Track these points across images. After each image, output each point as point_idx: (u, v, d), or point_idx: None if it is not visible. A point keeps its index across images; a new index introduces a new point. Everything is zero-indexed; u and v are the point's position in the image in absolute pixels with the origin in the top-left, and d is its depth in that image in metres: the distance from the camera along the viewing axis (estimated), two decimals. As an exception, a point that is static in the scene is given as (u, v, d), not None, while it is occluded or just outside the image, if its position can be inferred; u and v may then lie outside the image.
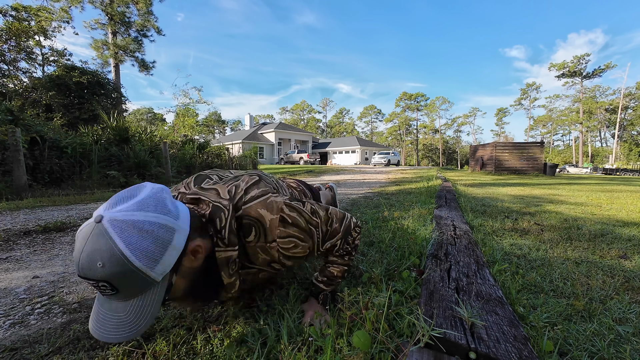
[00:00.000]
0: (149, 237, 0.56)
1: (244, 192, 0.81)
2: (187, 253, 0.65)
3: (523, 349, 0.69)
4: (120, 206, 0.57)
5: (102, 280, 0.53)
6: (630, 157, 37.91)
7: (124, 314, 0.58)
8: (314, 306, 0.95)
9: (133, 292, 0.58)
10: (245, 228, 0.77)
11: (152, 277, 0.57)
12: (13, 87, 9.85)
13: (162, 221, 0.59)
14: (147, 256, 0.55)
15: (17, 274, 1.40)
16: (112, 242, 0.52)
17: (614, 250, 1.63)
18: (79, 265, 0.53)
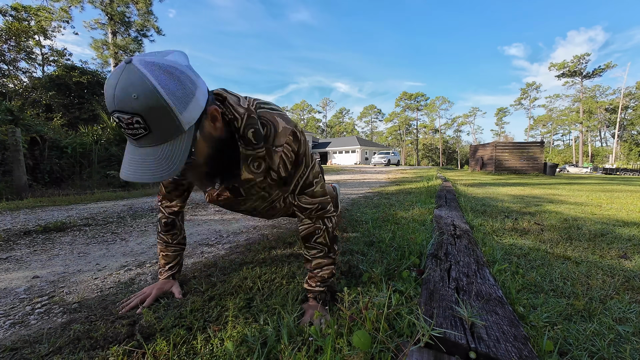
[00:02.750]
0: (176, 81, 0.58)
1: (264, 102, 0.86)
2: (207, 115, 0.68)
3: (523, 349, 0.69)
4: (148, 55, 0.59)
5: (137, 114, 0.56)
6: (631, 157, 37.91)
7: (155, 157, 0.61)
8: (314, 306, 0.95)
9: (163, 135, 0.60)
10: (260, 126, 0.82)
11: (181, 120, 0.60)
12: (13, 87, 9.85)
13: (187, 73, 0.61)
14: (176, 97, 0.58)
15: (17, 274, 1.40)
16: (145, 77, 0.55)
17: (614, 250, 1.63)
18: (114, 98, 0.55)
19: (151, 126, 0.58)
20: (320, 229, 0.96)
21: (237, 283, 1.17)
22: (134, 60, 0.56)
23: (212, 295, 1.07)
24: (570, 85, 48.72)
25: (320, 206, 0.96)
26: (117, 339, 0.83)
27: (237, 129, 0.78)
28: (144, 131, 0.58)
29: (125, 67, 0.55)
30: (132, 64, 0.55)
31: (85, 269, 1.46)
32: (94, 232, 2.18)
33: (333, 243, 0.99)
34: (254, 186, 0.95)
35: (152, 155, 0.61)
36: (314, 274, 0.98)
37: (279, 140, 0.82)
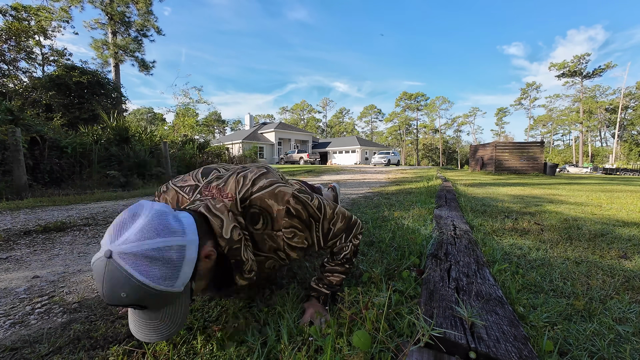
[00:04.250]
0: (162, 263, 0.58)
1: (251, 183, 0.82)
2: (201, 259, 0.67)
3: (523, 349, 0.69)
4: (124, 236, 0.57)
5: (130, 305, 0.58)
6: (631, 157, 37.91)
7: (158, 321, 0.64)
8: (314, 306, 0.95)
9: (161, 306, 0.63)
10: (253, 217, 0.80)
11: (174, 291, 0.61)
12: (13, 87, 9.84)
13: (171, 243, 0.60)
14: (164, 279, 0.58)
15: (17, 273, 1.40)
16: (129, 274, 0.55)
17: (614, 250, 1.63)
18: (104, 297, 0.57)
19: (147, 306, 0.60)
20: (347, 247, 0.96)
21: (237, 283, 1.17)
22: (113, 255, 0.55)
23: (212, 295, 1.07)
24: (570, 85, 48.72)
25: (346, 234, 0.95)
26: (117, 339, 0.83)
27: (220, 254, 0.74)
28: (140, 308, 0.61)
29: (107, 264, 0.55)
30: (112, 260, 0.55)
31: (85, 269, 1.46)
32: (94, 232, 2.18)
33: (353, 256, 0.99)
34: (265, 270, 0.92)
35: (154, 319, 0.64)
36: (324, 277, 0.98)
37: (277, 225, 0.80)
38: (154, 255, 0.57)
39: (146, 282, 0.56)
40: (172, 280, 0.59)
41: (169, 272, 0.59)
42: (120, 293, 0.55)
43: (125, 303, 0.57)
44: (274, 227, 0.81)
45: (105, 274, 0.55)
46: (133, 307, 0.59)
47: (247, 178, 0.83)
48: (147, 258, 0.56)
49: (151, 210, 0.62)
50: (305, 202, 0.83)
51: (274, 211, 0.80)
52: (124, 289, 0.55)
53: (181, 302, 0.65)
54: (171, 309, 0.64)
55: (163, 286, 0.58)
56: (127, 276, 0.55)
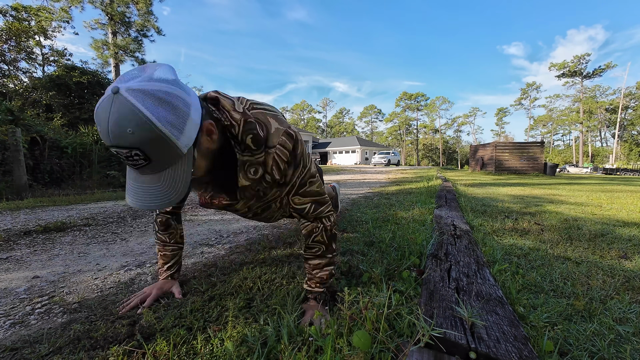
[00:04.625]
0: (169, 107, 0.56)
1: (252, 103, 0.83)
2: (203, 131, 0.66)
3: (523, 349, 0.69)
4: (134, 80, 0.56)
5: (134, 148, 0.55)
6: (631, 157, 37.90)
7: (159, 184, 0.62)
8: (314, 306, 0.95)
9: (164, 162, 0.60)
10: None
11: (179, 146, 0.59)
12: (13, 87, 9.85)
13: (178, 94, 0.58)
14: (171, 124, 0.56)
15: (17, 274, 1.40)
16: (136, 109, 0.52)
17: (614, 250, 1.63)
18: (109, 135, 0.53)
19: (151, 156, 0.58)
20: (317, 227, 0.95)
21: (237, 283, 1.17)
22: (121, 90, 0.53)
23: (212, 295, 1.07)
24: (570, 86, 48.71)
25: (314, 206, 0.94)
26: (117, 339, 0.83)
27: (235, 135, 0.75)
28: (144, 162, 0.58)
29: (114, 99, 0.52)
30: (120, 95, 0.52)
31: (85, 269, 1.46)
32: (94, 232, 2.18)
33: (331, 242, 0.98)
34: (248, 188, 0.93)
35: (155, 182, 0.62)
36: (312, 275, 0.98)
37: (271, 141, 0.80)
38: (162, 97, 0.55)
39: (153, 119, 0.53)
40: (177, 129, 0.57)
41: (175, 119, 0.57)
42: (127, 128, 0.52)
43: (130, 142, 0.54)
44: (268, 142, 0.79)
45: (111, 108, 0.52)
46: (137, 153, 0.56)
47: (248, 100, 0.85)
48: (154, 97, 0.54)
49: (161, 64, 0.62)
50: (302, 140, 0.86)
51: (273, 128, 0.79)
52: (131, 124, 0.52)
53: (183, 167, 0.63)
54: (173, 172, 0.62)
55: (170, 131, 0.56)
56: (135, 110, 0.52)
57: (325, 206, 0.97)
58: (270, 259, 1.49)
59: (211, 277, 1.26)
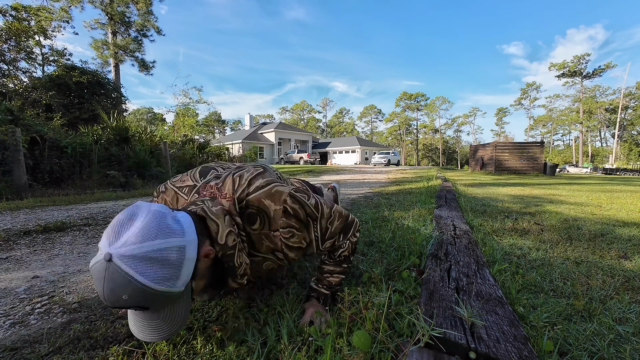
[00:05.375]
0: (162, 263, 0.58)
1: (247, 184, 0.81)
2: (201, 258, 0.67)
3: (523, 349, 0.69)
4: (123, 238, 0.56)
5: (132, 307, 0.58)
6: (631, 157, 37.92)
7: (159, 320, 0.64)
8: (314, 306, 0.95)
9: (162, 306, 0.62)
10: (250, 217, 0.80)
11: (176, 291, 0.61)
12: (13, 87, 9.84)
13: (171, 244, 0.60)
14: (165, 280, 0.58)
15: (17, 274, 1.40)
16: (130, 277, 0.54)
17: (614, 250, 1.63)
18: (105, 300, 0.56)
19: (149, 307, 0.60)
20: (345, 244, 0.95)
21: (237, 283, 1.17)
22: (113, 257, 0.54)
23: (210, 296, 1.07)
24: (570, 86, 48.73)
25: (344, 233, 0.94)
26: (117, 339, 0.83)
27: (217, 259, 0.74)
28: (142, 309, 0.61)
29: (107, 268, 0.54)
30: (112, 263, 0.54)
31: (85, 269, 1.46)
32: (94, 232, 2.18)
33: (351, 255, 0.99)
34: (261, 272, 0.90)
35: (155, 319, 0.64)
36: (323, 277, 0.98)
37: (274, 225, 0.79)
38: (155, 256, 0.57)
39: (147, 283, 0.55)
40: (173, 280, 0.59)
41: (169, 273, 0.59)
42: (122, 296, 0.55)
43: (126, 305, 0.57)
44: (272, 227, 0.80)
45: (105, 277, 0.54)
46: (134, 308, 0.59)
47: (243, 178, 0.82)
48: (147, 260, 0.56)
49: (149, 212, 0.61)
50: (303, 201, 0.83)
51: (271, 211, 0.79)
52: (126, 292, 0.55)
53: (182, 302, 0.65)
54: (172, 308, 0.64)
55: (164, 287, 0.58)
56: (128, 279, 0.54)
57: (353, 225, 0.96)
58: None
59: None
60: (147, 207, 0.63)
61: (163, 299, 0.60)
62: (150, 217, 0.60)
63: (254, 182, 0.82)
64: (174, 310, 0.64)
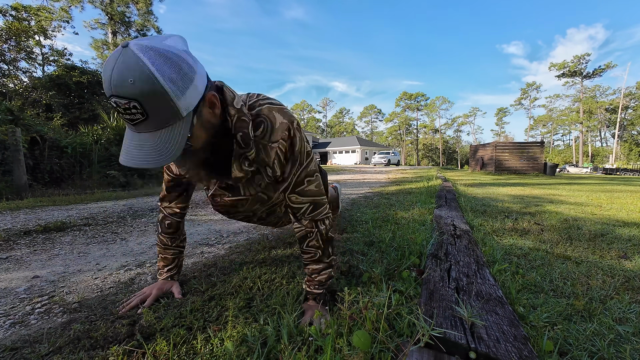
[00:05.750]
0: (174, 66, 0.57)
1: (263, 97, 0.86)
2: (205, 101, 0.67)
3: (523, 349, 0.69)
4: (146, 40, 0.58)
5: (134, 99, 0.55)
6: (631, 157, 37.91)
7: (152, 143, 0.61)
8: (314, 306, 0.95)
9: (161, 121, 0.60)
10: (256, 124, 0.82)
11: (178, 107, 0.59)
12: (13, 87, 9.84)
13: (185, 57, 0.60)
14: (173, 82, 0.57)
15: (17, 273, 1.40)
16: (141, 62, 0.54)
17: (614, 250, 1.63)
18: (110, 82, 0.54)
19: (149, 112, 0.57)
20: (312, 232, 0.94)
21: (237, 283, 1.17)
22: (131, 44, 0.55)
23: (212, 295, 1.07)
24: (570, 85, 48.74)
25: (313, 206, 0.94)
26: (117, 339, 0.83)
27: (228, 129, 0.77)
28: (141, 116, 0.58)
29: (122, 51, 0.54)
30: (129, 48, 0.54)
31: (85, 268, 1.46)
32: (94, 232, 2.18)
33: (327, 246, 0.97)
34: (251, 184, 0.94)
35: (150, 140, 0.61)
36: (311, 279, 0.98)
37: (275, 136, 0.82)
38: (169, 56, 0.57)
39: (156, 74, 0.54)
40: (179, 89, 0.58)
41: (178, 78, 0.57)
42: (129, 79, 0.53)
43: (129, 92, 0.54)
44: (272, 137, 0.82)
45: (118, 59, 0.54)
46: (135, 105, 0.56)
47: (259, 95, 0.87)
48: (161, 55, 0.56)
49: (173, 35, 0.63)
50: (305, 137, 0.88)
51: (277, 123, 0.83)
52: (133, 75, 0.53)
53: (179, 130, 0.62)
54: (169, 133, 0.61)
55: (171, 88, 0.56)
56: (140, 63, 0.53)
57: (323, 208, 0.97)
58: (270, 259, 1.49)
59: (211, 277, 1.26)
60: None
61: (165, 106, 0.58)
62: (176, 36, 0.63)
63: (270, 99, 0.87)
64: (170, 136, 0.61)
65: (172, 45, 0.59)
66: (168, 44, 0.59)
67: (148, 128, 0.60)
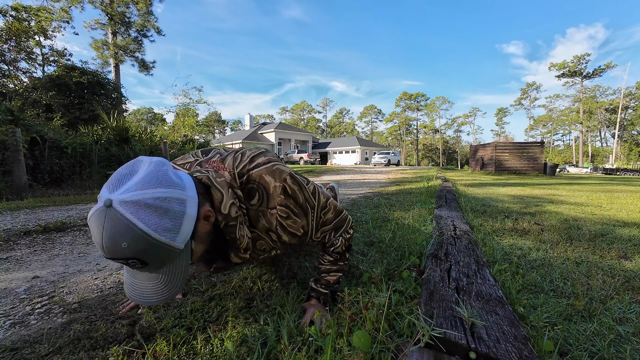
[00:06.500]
0: (163, 212, 0.56)
1: (249, 160, 0.82)
2: (200, 219, 0.66)
3: (523, 349, 0.69)
4: (124, 186, 0.55)
5: (131, 258, 0.55)
6: (631, 157, 37.90)
7: (157, 281, 0.62)
8: (314, 306, 0.95)
9: (162, 263, 0.60)
10: (250, 192, 0.80)
11: (176, 247, 0.59)
12: (13, 87, 9.84)
13: (172, 195, 0.58)
14: (166, 230, 0.56)
15: (17, 274, 1.40)
16: (130, 223, 0.52)
17: (614, 250, 1.63)
18: (104, 249, 0.53)
19: (148, 261, 0.58)
20: (338, 240, 0.97)
21: (237, 283, 1.17)
22: (114, 203, 0.52)
23: (212, 296, 1.07)
24: (570, 86, 48.73)
25: (334, 231, 0.96)
26: (117, 339, 0.83)
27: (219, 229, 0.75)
28: (141, 265, 0.58)
29: (107, 213, 0.52)
30: (112, 208, 0.52)
31: (85, 269, 1.46)
32: (94, 232, 2.18)
33: (346, 252, 1.00)
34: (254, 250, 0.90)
35: (154, 280, 0.62)
36: (320, 277, 0.99)
37: (272, 202, 0.80)
38: (156, 204, 0.55)
39: (148, 231, 0.53)
40: (173, 233, 0.58)
41: (170, 224, 0.57)
42: (122, 243, 0.52)
43: (126, 255, 0.54)
44: (269, 204, 0.80)
45: (105, 223, 0.52)
46: (133, 261, 0.56)
47: (245, 155, 0.84)
48: (148, 207, 0.54)
49: (151, 162, 0.60)
50: (302, 184, 0.84)
51: (271, 188, 0.79)
52: (125, 239, 0.52)
53: (181, 262, 0.63)
54: (171, 268, 0.62)
55: (164, 237, 0.56)
56: (129, 225, 0.52)
57: (346, 222, 0.99)
58: (270, 259, 1.49)
59: (211, 277, 1.26)
60: (149, 159, 0.62)
61: (163, 252, 0.58)
62: (153, 167, 0.59)
63: (255, 159, 0.83)
64: (172, 271, 0.62)
65: (154, 183, 0.56)
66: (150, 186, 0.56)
67: (149, 271, 0.62)
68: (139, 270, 0.61)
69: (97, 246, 0.55)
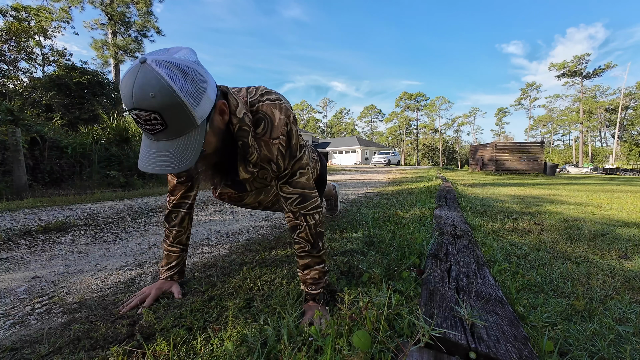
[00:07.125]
0: (189, 78, 0.62)
1: (260, 95, 0.90)
2: (217, 109, 0.73)
3: (523, 349, 0.69)
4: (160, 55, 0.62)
5: (154, 111, 0.60)
6: (631, 157, 37.90)
7: (172, 150, 0.66)
8: (314, 306, 0.95)
9: (179, 130, 0.65)
10: (257, 122, 0.87)
11: (194, 116, 0.64)
12: (13, 87, 9.85)
13: (197, 69, 0.65)
14: (189, 94, 0.62)
15: (17, 274, 1.40)
16: (160, 76, 0.58)
17: (614, 250, 1.63)
18: (132, 97, 0.58)
19: (168, 122, 0.62)
20: (301, 225, 0.96)
21: (237, 283, 1.17)
22: (148, 60, 0.59)
23: (212, 295, 1.07)
24: (570, 86, 48.73)
25: (302, 198, 0.96)
26: (117, 339, 0.83)
27: (232, 135, 0.83)
28: (161, 127, 0.63)
29: (141, 67, 0.58)
30: (146, 64, 0.58)
31: (85, 269, 1.46)
32: (94, 232, 2.18)
33: (317, 240, 0.98)
34: (256, 179, 0.99)
35: (168, 148, 0.66)
36: (303, 275, 0.98)
37: (275, 132, 0.87)
38: (184, 70, 0.61)
39: (175, 87, 0.59)
40: (194, 99, 0.63)
41: (193, 90, 0.62)
42: (149, 93, 0.57)
43: (152, 106, 0.59)
44: (272, 134, 0.87)
45: (137, 74, 0.58)
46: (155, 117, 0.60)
47: (258, 89, 0.91)
48: (177, 69, 0.60)
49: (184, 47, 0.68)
50: (297, 131, 0.93)
51: (276, 119, 0.87)
52: (154, 89, 0.57)
53: (195, 137, 0.67)
54: (186, 140, 0.66)
55: (188, 100, 0.61)
56: (159, 77, 0.58)
57: (311, 202, 0.98)
58: (270, 259, 1.49)
59: (211, 277, 1.26)
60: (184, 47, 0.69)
61: (183, 117, 0.62)
62: (186, 49, 0.67)
63: (266, 95, 0.90)
64: (187, 144, 0.66)
65: (184, 58, 0.64)
66: (181, 58, 0.63)
67: (167, 137, 0.65)
68: (158, 133, 0.64)
69: (125, 99, 0.60)
